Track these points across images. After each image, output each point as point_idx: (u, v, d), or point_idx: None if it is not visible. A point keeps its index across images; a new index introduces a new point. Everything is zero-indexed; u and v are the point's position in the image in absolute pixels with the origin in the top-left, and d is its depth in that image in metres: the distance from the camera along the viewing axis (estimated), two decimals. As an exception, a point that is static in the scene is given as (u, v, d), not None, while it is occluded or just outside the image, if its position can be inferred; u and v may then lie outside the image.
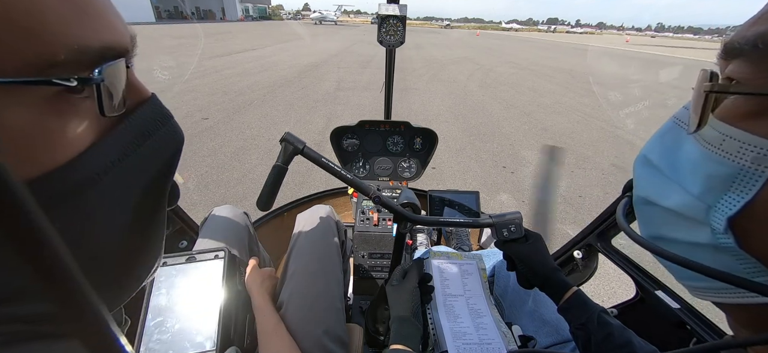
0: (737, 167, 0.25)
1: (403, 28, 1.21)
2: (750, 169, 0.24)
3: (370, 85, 7.38)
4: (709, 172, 0.27)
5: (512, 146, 4.31)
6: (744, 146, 0.24)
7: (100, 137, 0.23)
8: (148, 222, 0.27)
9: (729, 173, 0.25)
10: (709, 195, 0.27)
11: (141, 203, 0.25)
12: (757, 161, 0.24)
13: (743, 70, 0.25)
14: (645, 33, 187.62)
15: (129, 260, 0.26)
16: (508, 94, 7.43)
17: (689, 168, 0.29)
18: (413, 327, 0.65)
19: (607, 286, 1.97)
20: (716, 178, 0.26)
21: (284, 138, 0.73)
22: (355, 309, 1.28)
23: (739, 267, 0.26)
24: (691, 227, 0.29)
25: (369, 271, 1.29)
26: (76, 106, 0.21)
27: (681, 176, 0.30)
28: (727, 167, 0.25)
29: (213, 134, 4.15)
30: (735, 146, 0.25)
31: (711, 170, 0.27)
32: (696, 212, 0.28)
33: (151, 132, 0.26)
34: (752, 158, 0.24)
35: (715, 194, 0.26)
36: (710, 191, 0.27)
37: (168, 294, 0.73)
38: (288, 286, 0.82)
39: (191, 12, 47.49)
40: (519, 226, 0.68)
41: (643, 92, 8.63)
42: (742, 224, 0.25)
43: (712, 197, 0.27)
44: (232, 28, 25.93)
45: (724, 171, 0.26)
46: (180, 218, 1.14)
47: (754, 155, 0.24)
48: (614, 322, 0.58)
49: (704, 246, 0.28)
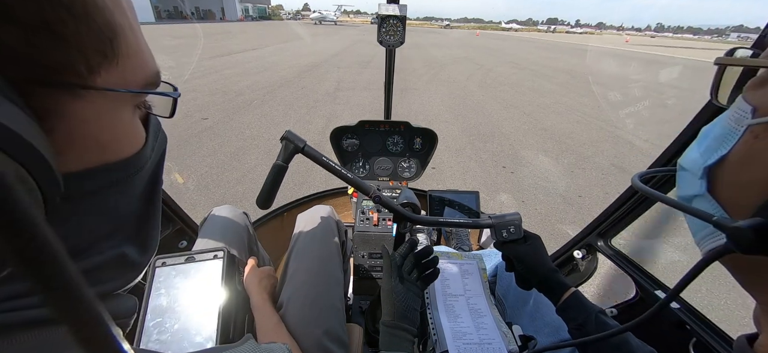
0: (728, 128, 0.28)
1: (403, 28, 1.21)
2: (733, 128, 0.28)
3: (370, 85, 7.38)
4: (715, 134, 0.31)
5: (512, 146, 4.31)
6: (737, 109, 0.28)
7: (146, 137, 0.31)
8: (155, 198, 0.35)
9: (722, 134, 0.29)
10: (707, 153, 0.30)
11: (154, 186, 0.33)
12: (738, 121, 0.27)
13: None
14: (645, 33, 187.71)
15: (146, 224, 0.34)
16: (507, 94, 7.44)
17: (710, 136, 0.32)
18: (401, 334, 0.64)
19: (607, 286, 1.97)
20: (716, 137, 0.30)
21: (285, 136, 0.73)
22: (355, 309, 1.28)
23: (712, 211, 0.29)
24: (693, 180, 0.32)
25: (369, 271, 1.29)
26: (138, 113, 0.30)
27: (703, 141, 0.33)
28: (724, 129, 0.29)
29: (213, 134, 4.15)
30: (733, 112, 0.29)
31: (716, 133, 0.30)
32: (696, 168, 0.31)
33: (158, 131, 0.34)
34: (736, 118, 0.28)
35: (711, 152, 0.30)
36: (710, 149, 0.30)
37: (167, 294, 0.73)
38: (288, 286, 0.82)
39: (191, 12, 47.46)
40: (518, 227, 0.68)
41: (642, 92, 8.64)
42: (715, 174, 0.29)
43: (708, 155, 0.30)
44: (232, 28, 25.93)
45: (721, 132, 0.29)
46: (179, 218, 1.14)
47: (738, 116, 0.27)
48: (612, 322, 0.58)
49: (698, 196, 0.32)
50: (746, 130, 0.26)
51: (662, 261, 2.15)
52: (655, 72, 13.21)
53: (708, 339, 0.77)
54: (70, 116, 0.22)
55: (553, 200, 3.05)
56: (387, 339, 0.63)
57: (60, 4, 0.20)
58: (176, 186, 2.92)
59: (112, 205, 0.28)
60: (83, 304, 0.14)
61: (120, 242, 0.30)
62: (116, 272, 0.30)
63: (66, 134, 0.22)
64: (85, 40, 0.21)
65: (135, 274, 0.33)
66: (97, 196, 0.26)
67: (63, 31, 0.20)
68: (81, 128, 0.23)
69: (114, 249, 0.29)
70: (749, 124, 0.26)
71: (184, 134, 4.04)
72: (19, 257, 0.12)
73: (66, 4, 0.20)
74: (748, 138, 0.26)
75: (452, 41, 25.19)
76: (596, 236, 1.09)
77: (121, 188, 0.28)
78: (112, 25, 0.23)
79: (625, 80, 10.71)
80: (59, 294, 0.14)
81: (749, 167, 0.26)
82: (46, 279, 0.13)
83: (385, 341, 0.63)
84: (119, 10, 0.24)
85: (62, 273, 0.13)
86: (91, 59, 0.22)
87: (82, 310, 0.15)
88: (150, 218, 0.34)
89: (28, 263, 0.13)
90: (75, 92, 0.22)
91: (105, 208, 0.27)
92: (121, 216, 0.30)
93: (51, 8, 0.19)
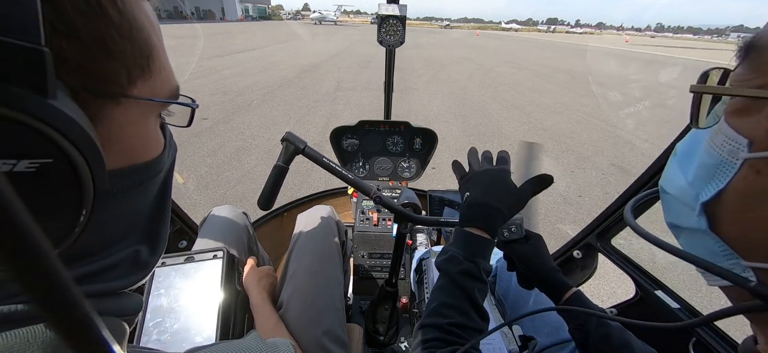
0: (719, 159, 0.27)
1: (403, 28, 1.21)
2: (726, 160, 0.27)
3: (370, 85, 7.38)
4: (702, 162, 0.30)
5: (512, 146, 4.31)
6: (726, 139, 0.27)
7: (165, 143, 0.33)
8: (166, 201, 0.37)
9: (714, 164, 0.28)
10: (698, 183, 0.29)
11: (166, 189, 0.36)
12: (732, 153, 0.26)
13: (740, 72, 0.27)
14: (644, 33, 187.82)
15: (158, 225, 0.36)
16: (507, 94, 7.44)
17: (696, 159, 0.31)
18: None
19: (607, 286, 1.98)
20: (705, 167, 0.29)
21: (285, 138, 0.73)
22: (355, 309, 1.28)
23: (718, 251, 0.28)
24: (686, 212, 0.31)
25: (369, 271, 1.29)
26: (158, 121, 0.33)
27: (688, 166, 0.32)
28: (713, 158, 0.28)
29: (213, 134, 4.15)
30: (721, 139, 0.27)
31: (703, 161, 0.29)
32: (688, 199, 0.30)
33: (171, 139, 0.37)
34: (728, 150, 0.26)
35: (702, 182, 0.29)
36: (700, 179, 0.29)
37: (167, 294, 0.73)
38: (288, 286, 0.82)
39: (191, 12, 47.47)
40: (519, 227, 0.68)
41: (642, 92, 8.65)
42: (714, 209, 0.28)
43: (700, 186, 0.29)
44: (232, 29, 25.93)
45: (711, 162, 0.28)
46: (179, 218, 1.14)
47: (730, 148, 0.26)
48: (613, 323, 0.58)
49: (693, 231, 0.30)
50: (743, 163, 0.25)
51: (662, 261, 2.15)
52: (655, 72, 13.22)
53: (708, 339, 0.77)
54: (110, 120, 0.25)
55: (554, 200, 3.05)
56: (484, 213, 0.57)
57: (111, 24, 0.23)
58: (176, 186, 2.92)
59: (133, 206, 0.31)
60: (73, 308, 0.14)
61: (135, 241, 0.33)
62: (129, 270, 0.32)
63: (105, 136, 0.25)
64: (129, 55, 0.25)
65: (144, 273, 0.34)
66: (122, 196, 0.28)
67: (112, 47, 0.24)
68: (117, 132, 0.26)
69: (129, 248, 0.32)
70: (746, 158, 0.25)
71: (185, 134, 4.04)
72: (7, 260, 0.12)
73: (116, 25, 0.23)
74: (747, 173, 0.25)
75: (452, 41, 25.20)
76: (596, 236, 1.08)
77: (143, 189, 0.31)
78: (150, 45, 0.27)
79: (625, 80, 10.72)
80: (48, 296, 0.14)
81: (759, 206, 0.25)
82: (35, 282, 0.13)
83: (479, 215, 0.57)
84: (155, 32, 0.29)
85: (51, 276, 0.13)
86: (132, 72, 0.26)
87: (72, 313, 0.15)
88: (161, 219, 0.36)
89: (16, 265, 0.13)
90: (117, 99, 0.25)
91: (127, 208, 0.30)
92: (139, 217, 0.32)
93: (105, 27, 0.23)
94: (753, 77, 0.25)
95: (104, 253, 0.29)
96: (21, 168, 0.18)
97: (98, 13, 0.22)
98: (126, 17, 0.24)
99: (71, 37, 0.21)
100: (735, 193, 0.26)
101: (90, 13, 0.22)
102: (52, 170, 0.20)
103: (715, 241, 0.28)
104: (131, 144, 0.28)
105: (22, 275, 0.13)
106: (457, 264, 0.53)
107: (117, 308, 0.31)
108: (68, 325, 0.15)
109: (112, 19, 0.23)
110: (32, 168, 0.19)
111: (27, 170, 0.19)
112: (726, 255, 0.28)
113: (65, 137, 0.20)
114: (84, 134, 0.21)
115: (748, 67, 0.26)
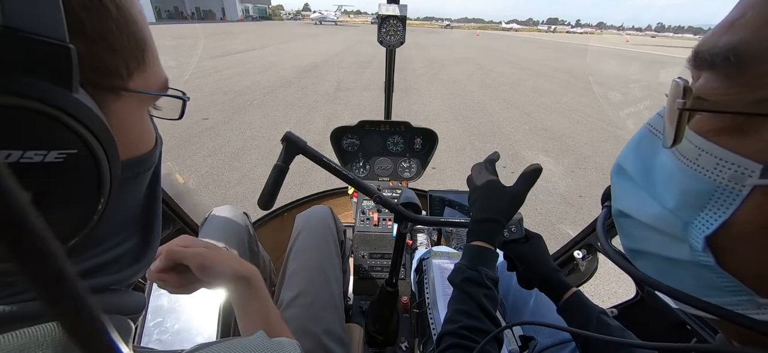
0: (714, 185, 0.24)
1: (403, 28, 1.21)
2: (727, 186, 0.23)
3: (370, 85, 7.38)
4: (685, 187, 0.26)
5: (512, 146, 4.31)
6: (721, 162, 0.23)
7: (157, 137, 0.34)
8: (158, 194, 0.38)
9: (705, 190, 0.24)
10: (684, 211, 0.26)
11: (157, 182, 0.37)
12: (735, 179, 0.23)
13: (714, 85, 0.24)
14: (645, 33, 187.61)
15: (153, 218, 0.37)
16: (508, 94, 7.44)
17: (664, 181, 0.28)
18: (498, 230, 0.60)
19: (607, 286, 1.97)
20: (692, 194, 0.25)
21: (285, 138, 0.73)
22: (355, 309, 1.28)
23: (720, 284, 0.25)
24: (670, 242, 0.28)
25: (369, 271, 1.29)
26: (149, 114, 0.33)
27: (656, 189, 0.29)
28: (703, 183, 0.24)
29: (213, 134, 4.16)
30: (711, 162, 0.24)
31: (687, 186, 0.26)
32: (672, 228, 0.27)
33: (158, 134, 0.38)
34: (730, 175, 0.23)
35: (691, 210, 0.25)
36: (686, 207, 0.26)
37: (167, 294, 0.73)
38: (288, 286, 0.82)
39: (191, 12, 47.45)
40: (519, 227, 0.68)
41: (643, 91, 8.64)
42: (720, 243, 0.24)
43: (688, 214, 0.25)
44: (232, 29, 25.95)
45: (700, 187, 0.25)
46: (179, 218, 1.14)
47: (732, 172, 0.23)
48: (613, 323, 0.58)
49: (684, 263, 0.27)
50: (753, 190, 0.22)
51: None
52: (655, 72, 13.20)
53: (708, 339, 0.77)
54: (111, 113, 0.26)
55: (554, 200, 3.05)
56: (485, 229, 0.60)
57: (111, 18, 0.24)
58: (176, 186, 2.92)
59: (129, 198, 0.31)
60: (83, 307, 0.15)
61: (131, 234, 0.34)
62: (126, 263, 0.33)
63: None
64: (127, 49, 0.26)
65: (141, 266, 0.35)
66: (121, 188, 0.28)
67: (113, 41, 0.24)
68: (118, 125, 0.26)
69: (127, 241, 0.32)
70: (757, 184, 0.22)
71: (185, 134, 4.05)
72: (16, 257, 0.12)
73: (114, 19, 0.24)
74: (762, 201, 0.22)
75: (453, 41, 25.19)
76: (596, 237, 1.08)
77: (139, 181, 0.31)
78: (144, 38, 0.28)
79: (625, 80, 10.71)
80: (57, 295, 0.14)
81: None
82: (44, 280, 0.13)
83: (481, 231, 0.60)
84: (146, 26, 0.29)
85: (61, 275, 0.14)
86: (129, 65, 0.27)
87: (81, 312, 0.15)
88: (155, 211, 0.37)
89: (25, 262, 0.13)
90: (118, 93, 0.26)
91: (124, 200, 0.30)
92: (134, 209, 0.33)
93: (106, 22, 0.24)
94: (743, 91, 0.22)
95: (104, 246, 0.30)
96: (51, 158, 0.20)
97: (99, 9, 0.23)
98: (123, 11, 0.25)
99: (77, 33, 0.22)
100: (747, 224, 0.23)
101: (93, 9, 0.23)
102: (77, 160, 0.21)
103: (718, 275, 0.25)
104: (129, 137, 0.29)
105: (32, 274, 0.13)
106: (461, 274, 0.58)
107: (121, 305, 0.32)
108: (78, 325, 0.15)
109: (111, 13, 0.24)
110: (61, 158, 0.20)
111: (56, 160, 0.20)
112: (734, 291, 0.25)
113: (87, 128, 0.21)
114: (103, 126, 0.22)
115: (728, 79, 0.23)
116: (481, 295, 0.54)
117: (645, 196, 0.30)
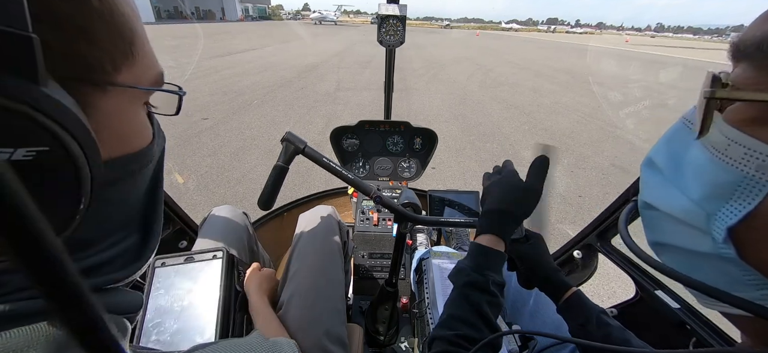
0: (741, 175, 0.23)
1: (403, 28, 1.21)
2: (754, 177, 0.23)
3: (370, 85, 7.38)
4: (712, 178, 0.25)
5: (512, 146, 4.31)
6: (749, 152, 0.23)
7: (153, 132, 0.33)
8: (158, 192, 0.37)
9: (732, 181, 0.24)
10: (710, 202, 0.26)
11: (157, 180, 0.36)
12: (762, 169, 0.22)
13: (748, 75, 0.24)
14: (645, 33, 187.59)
15: (152, 216, 0.36)
16: (508, 94, 7.43)
17: (693, 173, 0.28)
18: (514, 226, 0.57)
19: (607, 286, 1.97)
20: (718, 185, 0.25)
21: (285, 138, 0.73)
22: (355, 309, 1.28)
23: (743, 279, 0.25)
24: (692, 234, 0.28)
25: (369, 271, 1.29)
26: (144, 110, 0.32)
27: (684, 181, 0.28)
28: (731, 174, 0.24)
29: (213, 134, 4.15)
30: (740, 152, 0.24)
31: (714, 177, 0.25)
32: (696, 220, 0.27)
33: (159, 129, 0.36)
34: (757, 165, 0.23)
35: (716, 201, 0.25)
36: (711, 197, 0.25)
37: (166, 294, 0.73)
38: (289, 286, 0.82)
39: (191, 12, 47.44)
40: (520, 227, 0.68)
41: (642, 91, 8.64)
42: (742, 235, 0.24)
43: (713, 205, 0.25)
44: (232, 29, 25.93)
45: (727, 178, 0.24)
46: (179, 218, 1.14)
47: (759, 162, 0.22)
48: (613, 323, 0.58)
49: (706, 255, 0.27)
50: None
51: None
52: (655, 72, 13.20)
53: (708, 339, 0.77)
54: (97, 109, 0.25)
55: (554, 200, 3.05)
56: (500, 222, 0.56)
57: (93, 12, 0.23)
58: (176, 186, 2.92)
59: (126, 196, 0.31)
60: (85, 306, 0.15)
61: (129, 233, 0.33)
62: (124, 261, 0.32)
63: (94, 125, 0.24)
64: (111, 41, 0.25)
65: (140, 265, 0.35)
66: (115, 186, 0.28)
67: (94, 34, 0.24)
68: (106, 121, 0.26)
69: (125, 240, 0.32)
70: None
71: (185, 134, 4.04)
72: (19, 256, 0.12)
73: (97, 10, 0.23)
74: None
75: (452, 41, 25.19)
76: (596, 236, 1.08)
77: (135, 179, 0.31)
78: (132, 30, 0.27)
79: (625, 80, 10.71)
80: (60, 294, 0.14)
81: None
82: (47, 279, 0.13)
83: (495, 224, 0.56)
84: (136, 17, 0.28)
85: (63, 273, 0.13)
86: (115, 59, 0.26)
87: (83, 311, 0.15)
88: (155, 210, 0.36)
89: (28, 261, 0.13)
90: (103, 88, 0.25)
91: (120, 199, 0.30)
92: (132, 208, 0.33)
93: (87, 13, 0.23)
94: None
95: (101, 245, 0.30)
96: (19, 156, 0.19)
97: (79, 0, 0.22)
98: (106, 3, 0.24)
99: (54, 25, 0.21)
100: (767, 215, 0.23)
101: (72, 0, 0.22)
102: (50, 158, 0.20)
103: (741, 269, 0.25)
104: (120, 133, 0.28)
105: (34, 271, 0.13)
106: (464, 276, 0.53)
107: (119, 304, 0.31)
108: (79, 323, 0.15)
109: (93, 4, 0.23)
110: (29, 156, 0.19)
111: (25, 158, 0.19)
112: (758, 285, 0.24)
113: (58, 123, 0.20)
114: (77, 121, 0.21)
115: (761, 69, 0.23)
116: (484, 302, 0.51)
117: (671, 188, 0.30)
